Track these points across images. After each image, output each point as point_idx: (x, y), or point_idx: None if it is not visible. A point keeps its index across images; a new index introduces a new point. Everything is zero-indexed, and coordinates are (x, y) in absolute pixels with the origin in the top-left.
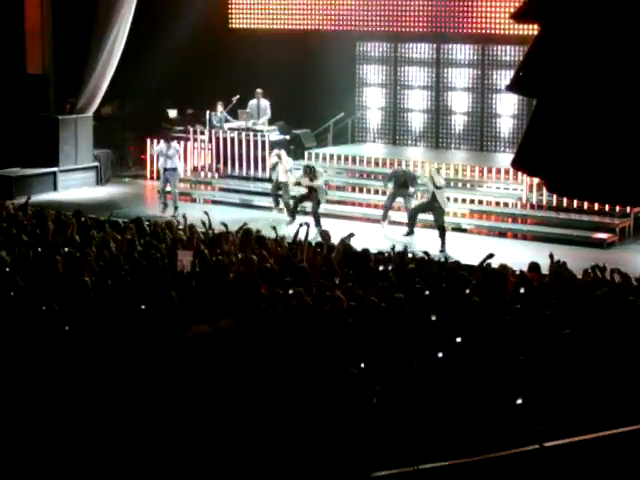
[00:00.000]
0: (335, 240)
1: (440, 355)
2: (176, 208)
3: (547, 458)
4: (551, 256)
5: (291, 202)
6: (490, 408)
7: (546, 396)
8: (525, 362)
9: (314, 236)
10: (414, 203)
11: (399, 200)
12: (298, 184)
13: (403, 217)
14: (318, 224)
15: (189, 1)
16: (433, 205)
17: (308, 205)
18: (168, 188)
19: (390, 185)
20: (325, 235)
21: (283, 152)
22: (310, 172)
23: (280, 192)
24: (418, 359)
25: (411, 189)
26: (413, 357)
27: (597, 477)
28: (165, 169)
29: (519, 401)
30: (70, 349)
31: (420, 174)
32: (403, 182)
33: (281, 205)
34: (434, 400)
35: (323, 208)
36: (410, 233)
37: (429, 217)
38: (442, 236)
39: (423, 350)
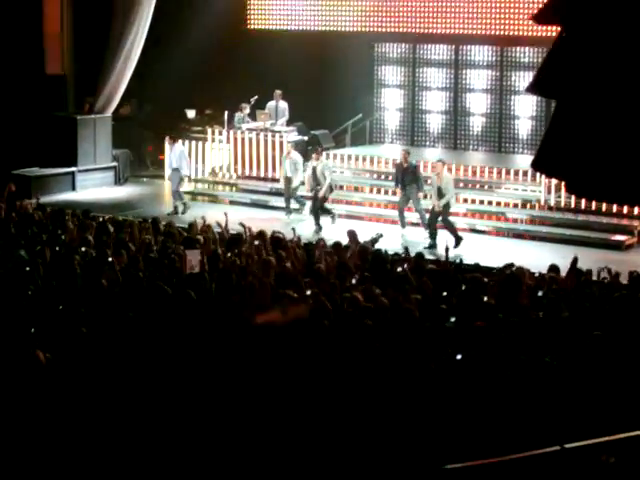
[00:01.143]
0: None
1: (459, 357)
2: (176, 207)
3: (568, 459)
4: (575, 259)
5: (304, 201)
6: (512, 410)
7: (569, 398)
8: (550, 364)
9: (312, 234)
10: (425, 204)
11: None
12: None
13: (416, 216)
14: (317, 223)
15: (208, 2)
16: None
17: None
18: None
19: (399, 185)
20: (352, 235)
21: (292, 150)
22: (317, 154)
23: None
24: (436, 361)
25: (420, 192)
26: (431, 359)
27: (617, 479)
28: (173, 169)
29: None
30: (90, 348)
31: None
32: (410, 181)
33: (295, 205)
34: (453, 401)
35: (340, 209)
36: (433, 244)
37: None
38: (454, 235)
39: (441, 352)
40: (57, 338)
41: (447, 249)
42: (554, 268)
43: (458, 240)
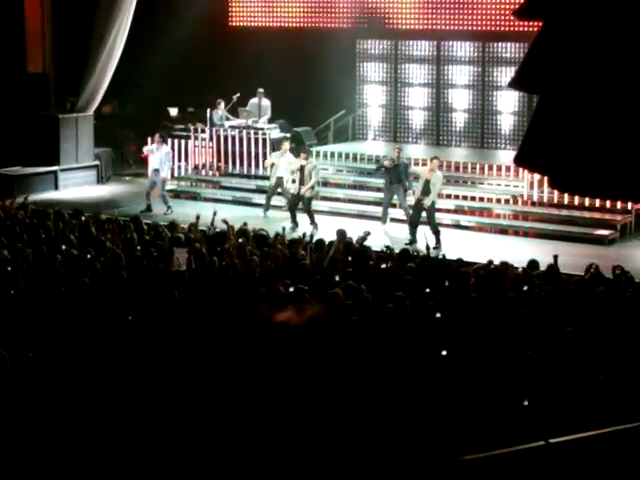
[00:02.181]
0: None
1: (444, 353)
2: (149, 205)
3: (552, 455)
4: (555, 257)
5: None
6: (495, 404)
7: (552, 391)
8: (533, 357)
9: (310, 233)
10: (409, 200)
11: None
12: (293, 173)
13: (400, 213)
14: (313, 222)
15: (189, 1)
16: (422, 200)
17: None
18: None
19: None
20: (340, 233)
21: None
22: (306, 154)
23: (279, 189)
24: (422, 357)
25: (405, 183)
26: (418, 355)
27: (603, 474)
28: (155, 169)
29: (525, 402)
30: (75, 347)
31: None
32: (396, 178)
33: (278, 203)
34: (440, 397)
35: (323, 205)
36: (413, 241)
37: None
38: (436, 233)
39: (428, 348)
40: (42, 338)
41: (428, 247)
42: (533, 263)
43: (439, 241)
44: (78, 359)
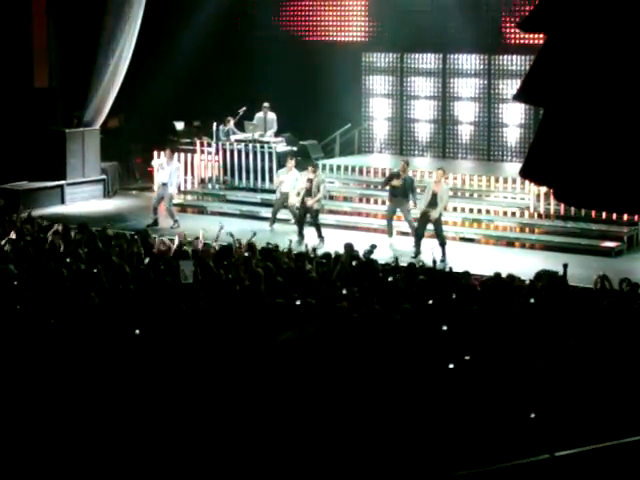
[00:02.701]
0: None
1: (451, 366)
2: (155, 219)
3: (558, 468)
4: (565, 266)
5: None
6: (501, 417)
7: (558, 404)
8: (540, 369)
9: (316, 246)
10: (413, 213)
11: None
12: (298, 194)
13: (406, 226)
14: (320, 235)
15: (196, 15)
16: (429, 213)
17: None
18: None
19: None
20: (348, 247)
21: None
22: (314, 167)
23: (285, 204)
24: (429, 370)
25: (410, 202)
26: (425, 368)
27: None
28: (163, 183)
29: (532, 415)
30: (81, 360)
31: (427, 182)
32: (401, 192)
33: (284, 216)
34: (446, 409)
35: (329, 219)
36: (418, 253)
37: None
38: (442, 245)
39: (434, 361)
40: (48, 351)
41: (434, 261)
42: (540, 276)
43: (444, 254)
44: (84, 372)
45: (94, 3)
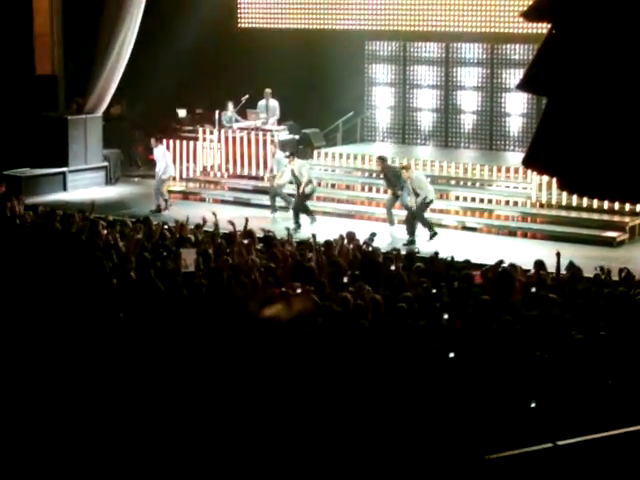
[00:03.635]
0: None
1: (452, 355)
2: (158, 205)
3: (560, 457)
4: (558, 254)
5: (290, 199)
6: (503, 406)
7: (559, 393)
8: (541, 358)
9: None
10: (408, 200)
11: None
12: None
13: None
14: (297, 222)
15: (198, 2)
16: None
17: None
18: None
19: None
20: (350, 236)
21: (278, 150)
22: (291, 156)
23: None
24: (430, 360)
25: (398, 190)
26: (425, 357)
27: (610, 476)
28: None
29: (533, 404)
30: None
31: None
32: (390, 182)
33: (281, 203)
34: (446, 399)
35: (332, 207)
36: (412, 241)
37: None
38: (427, 225)
39: (435, 350)
40: (47, 339)
41: (437, 253)
42: (540, 264)
43: (433, 234)
44: (83, 360)
45: None
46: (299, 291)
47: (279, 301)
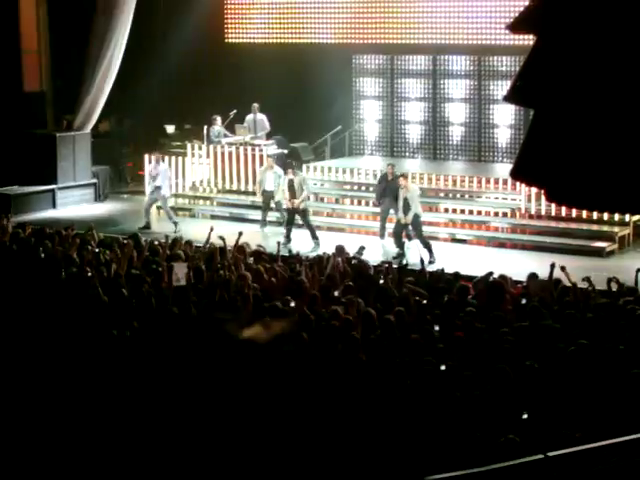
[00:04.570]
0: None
1: (443, 368)
2: (147, 222)
3: (551, 468)
4: (552, 266)
5: (284, 214)
6: (494, 418)
7: (552, 404)
8: (531, 368)
9: (312, 249)
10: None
11: (392, 212)
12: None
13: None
14: (314, 237)
15: (185, 17)
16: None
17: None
18: (158, 204)
19: (381, 200)
20: (340, 249)
21: (274, 164)
22: (293, 168)
23: (272, 203)
24: (420, 372)
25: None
26: (414, 371)
27: None
28: (155, 187)
29: (525, 415)
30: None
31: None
32: (391, 190)
33: (272, 218)
34: (438, 410)
35: (321, 221)
36: (402, 254)
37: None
38: (427, 246)
39: (426, 363)
40: (40, 355)
41: (422, 261)
42: (533, 276)
43: (432, 254)
44: (76, 376)
45: (84, 6)
46: (292, 305)
47: (258, 323)
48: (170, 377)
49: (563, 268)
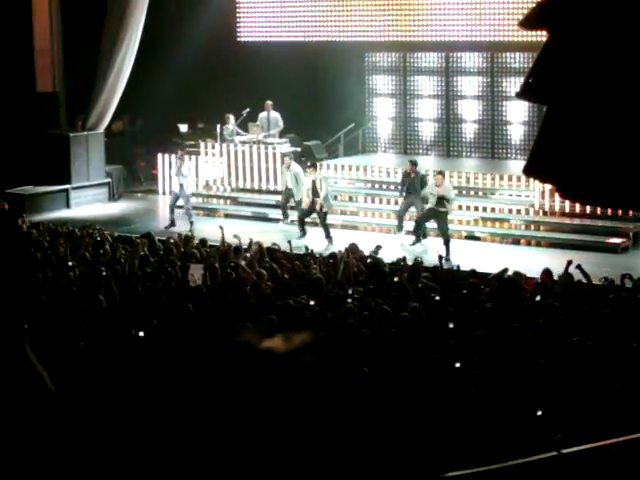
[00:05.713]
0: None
1: (458, 365)
2: (172, 220)
3: (565, 465)
4: (569, 263)
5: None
6: (510, 415)
7: (565, 401)
8: (546, 365)
9: (325, 247)
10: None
11: (411, 209)
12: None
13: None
14: (328, 235)
15: (198, 16)
16: (437, 211)
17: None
18: (180, 202)
19: (403, 193)
20: (353, 247)
21: (293, 162)
22: (313, 166)
23: (290, 202)
24: (435, 369)
25: (422, 193)
26: (431, 369)
27: None
28: (180, 184)
29: (539, 412)
30: (90, 364)
31: (429, 179)
32: (414, 187)
33: (292, 217)
34: (452, 407)
35: (335, 219)
36: (417, 241)
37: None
38: (446, 243)
39: (442, 360)
40: (57, 355)
41: (440, 257)
42: (548, 272)
43: (448, 254)
44: (92, 377)
45: (97, 6)
46: (312, 303)
47: (278, 334)
48: (182, 379)
49: (579, 266)
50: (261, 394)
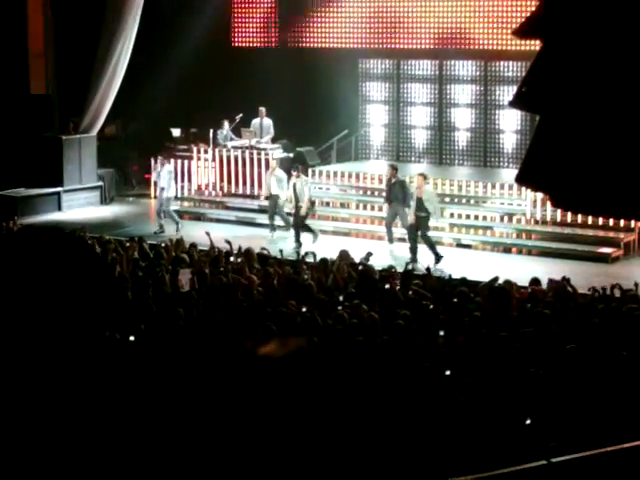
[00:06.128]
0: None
1: (447, 373)
2: (161, 225)
3: (555, 474)
4: (565, 280)
5: (289, 219)
6: (499, 423)
7: (555, 410)
8: (536, 374)
9: (292, 251)
10: (410, 218)
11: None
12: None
13: (404, 232)
14: (298, 240)
15: (192, 21)
16: (417, 216)
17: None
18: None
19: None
20: (344, 254)
21: (277, 168)
22: (297, 172)
23: (276, 208)
24: (426, 378)
25: (405, 203)
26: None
27: None
28: (161, 188)
29: (528, 421)
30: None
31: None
32: (396, 197)
33: (280, 222)
34: (442, 416)
35: (327, 225)
36: (414, 260)
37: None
38: (432, 248)
39: (432, 367)
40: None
41: (428, 269)
42: (535, 281)
43: (438, 257)
44: (78, 381)
45: (91, 9)
46: (304, 310)
47: (275, 340)
48: (177, 385)
49: (568, 280)
50: (257, 398)
